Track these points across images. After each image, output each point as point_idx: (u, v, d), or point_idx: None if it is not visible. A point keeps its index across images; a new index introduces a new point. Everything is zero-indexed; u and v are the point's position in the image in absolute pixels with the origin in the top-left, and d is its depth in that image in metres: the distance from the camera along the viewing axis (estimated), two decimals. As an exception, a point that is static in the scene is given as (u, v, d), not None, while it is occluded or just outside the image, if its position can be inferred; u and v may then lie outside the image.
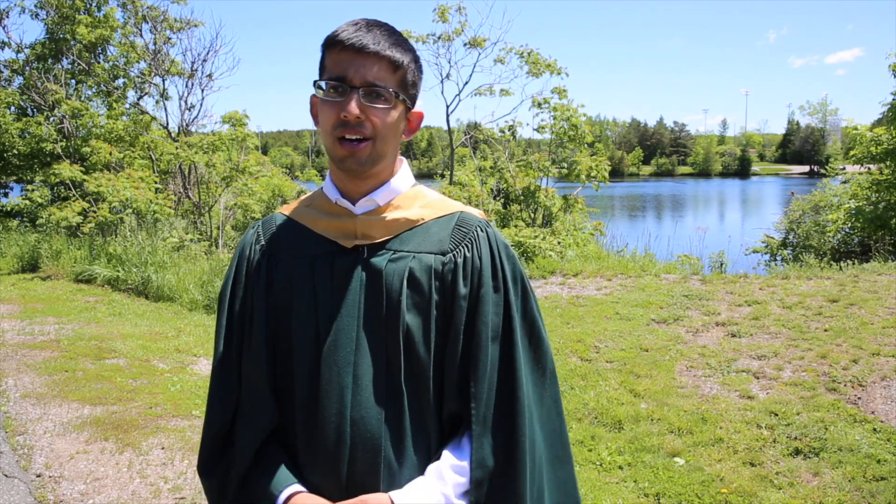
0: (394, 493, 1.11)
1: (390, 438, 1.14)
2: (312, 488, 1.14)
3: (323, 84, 1.17)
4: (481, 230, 1.24)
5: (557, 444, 1.25)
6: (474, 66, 12.98)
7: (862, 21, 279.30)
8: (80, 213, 11.19)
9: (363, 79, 1.13)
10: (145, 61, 13.97)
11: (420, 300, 1.17)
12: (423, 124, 1.28)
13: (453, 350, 1.18)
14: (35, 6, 14.78)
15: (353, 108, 1.12)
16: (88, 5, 14.65)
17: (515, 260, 1.26)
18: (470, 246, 1.22)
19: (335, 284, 1.19)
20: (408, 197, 1.26)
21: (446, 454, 1.16)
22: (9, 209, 14.98)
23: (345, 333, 1.16)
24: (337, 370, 1.15)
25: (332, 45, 1.15)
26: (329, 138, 1.17)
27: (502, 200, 12.77)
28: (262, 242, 1.28)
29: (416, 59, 1.22)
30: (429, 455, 1.17)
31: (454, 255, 1.21)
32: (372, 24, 1.17)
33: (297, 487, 1.14)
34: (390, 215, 1.23)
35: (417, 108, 1.26)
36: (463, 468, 1.14)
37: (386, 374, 1.16)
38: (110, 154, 12.80)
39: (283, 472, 1.16)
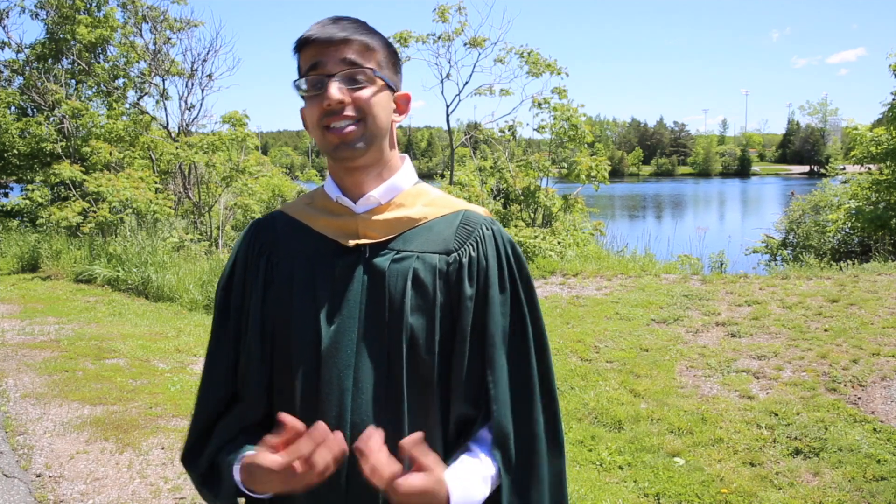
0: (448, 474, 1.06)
1: (391, 442, 1.13)
2: (312, 492, 1.13)
3: (302, 83, 1.14)
4: (486, 228, 1.21)
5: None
6: (474, 66, 13.00)
7: (867, 20, 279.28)
8: (80, 213, 11.19)
9: (337, 63, 1.12)
10: (145, 61, 13.99)
11: (424, 302, 1.14)
12: (423, 124, 1.28)
13: (460, 352, 1.15)
14: (35, 6, 14.81)
15: (333, 91, 1.10)
16: (88, 5, 14.66)
17: (522, 258, 1.24)
18: (475, 245, 1.19)
19: (336, 284, 1.16)
20: (410, 195, 1.23)
21: (475, 449, 1.15)
22: (9, 209, 14.99)
23: (345, 335, 1.14)
24: (337, 373, 1.12)
25: (303, 44, 1.14)
26: (317, 132, 1.15)
27: (502, 200, 12.77)
28: (261, 240, 1.25)
29: (388, 45, 1.20)
30: None
31: (459, 255, 1.17)
32: (337, 18, 1.16)
33: (248, 452, 1.10)
34: (392, 214, 1.19)
35: (403, 91, 1.23)
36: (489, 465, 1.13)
37: (387, 378, 1.13)
38: (110, 154, 12.81)
39: (240, 449, 1.13)
